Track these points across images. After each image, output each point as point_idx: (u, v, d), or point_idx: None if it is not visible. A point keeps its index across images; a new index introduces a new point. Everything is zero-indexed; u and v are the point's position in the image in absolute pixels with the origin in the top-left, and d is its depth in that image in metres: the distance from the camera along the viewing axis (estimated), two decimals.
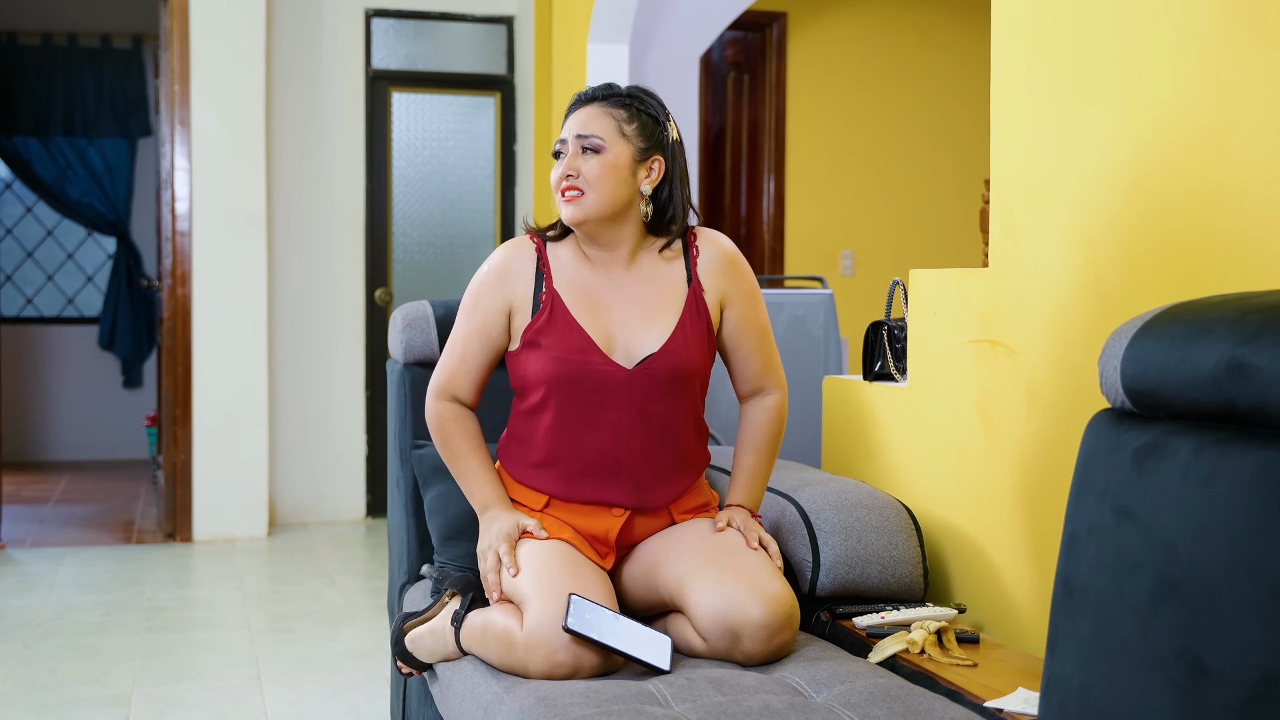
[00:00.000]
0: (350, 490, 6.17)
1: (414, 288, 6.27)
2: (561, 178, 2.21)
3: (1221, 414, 1.33)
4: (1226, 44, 1.83)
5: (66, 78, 7.92)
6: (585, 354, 2.18)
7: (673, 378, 2.20)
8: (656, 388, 2.20)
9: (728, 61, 7.20)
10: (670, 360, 2.20)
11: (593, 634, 1.93)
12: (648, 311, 2.23)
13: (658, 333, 2.22)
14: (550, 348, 2.19)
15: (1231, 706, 1.25)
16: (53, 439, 8.19)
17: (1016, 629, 2.28)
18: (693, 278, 2.27)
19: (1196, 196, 1.88)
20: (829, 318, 3.83)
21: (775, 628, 2.02)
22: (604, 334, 2.21)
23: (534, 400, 2.23)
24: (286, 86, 5.99)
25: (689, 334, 2.23)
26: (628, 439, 2.20)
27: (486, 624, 2.11)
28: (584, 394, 2.19)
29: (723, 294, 2.29)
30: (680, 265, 2.28)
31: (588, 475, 2.21)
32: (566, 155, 2.23)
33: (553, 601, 1.99)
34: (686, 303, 2.25)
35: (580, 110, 2.24)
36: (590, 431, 2.19)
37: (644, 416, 2.20)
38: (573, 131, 2.22)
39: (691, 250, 2.29)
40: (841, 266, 7.13)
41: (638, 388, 2.19)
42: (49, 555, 5.32)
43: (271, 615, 4.39)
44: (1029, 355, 2.24)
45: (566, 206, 2.21)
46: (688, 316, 2.23)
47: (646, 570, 2.21)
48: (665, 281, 2.26)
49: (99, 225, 8.09)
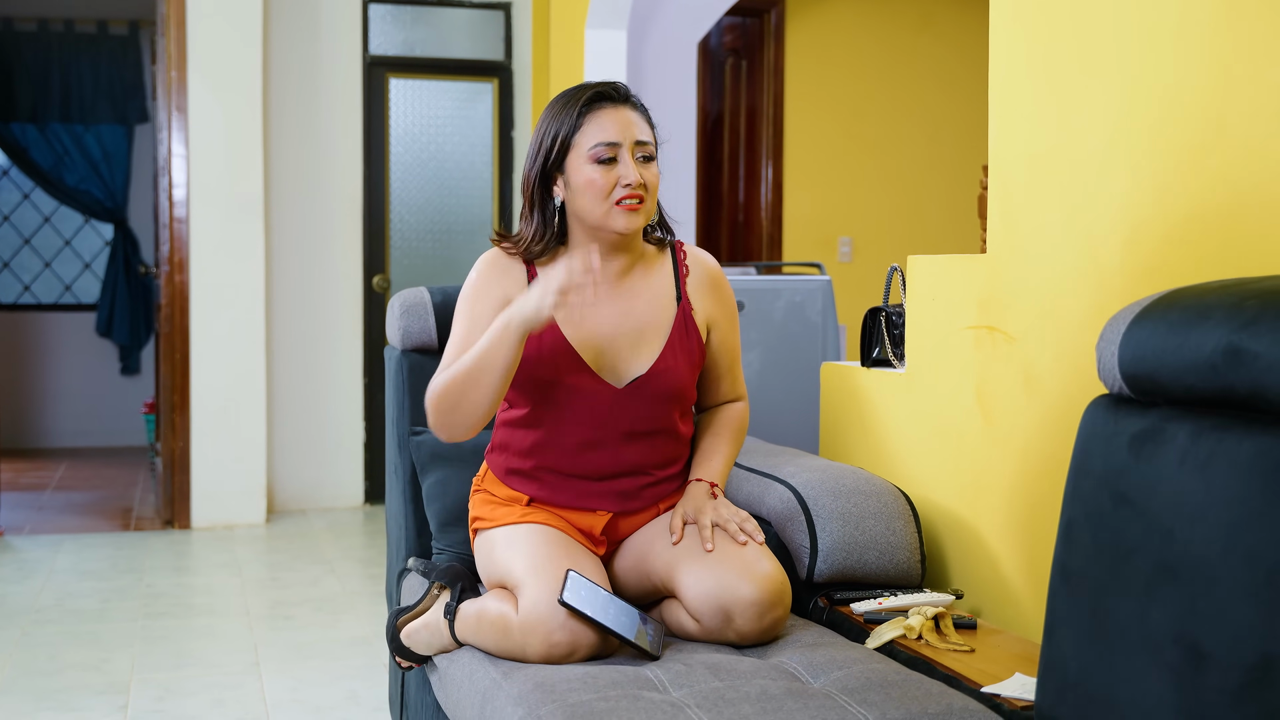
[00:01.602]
0: (349, 477, 6.17)
1: (412, 274, 6.27)
2: (628, 185, 2.10)
3: (1218, 399, 1.33)
4: (1227, 29, 1.83)
5: (63, 64, 7.90)
6: (573, 374, 2.16)
7: (663, 397, 2.19)
8: (645, 407, 2.18)
9: (726, 47, 7.18)
10: (660, 381, 2.18)
11: (587, 610, 1.93)
12: (637, 329, 2.20)
13: (648, 353, 2.19)
14: (539, 365, 2.16)
15: (1228, 690, 1.25)
16: (51, 426, 8.19)
17: (1014, 614, 2.28)
18: (682, 296, 2.25)
19: (1195, 182, 1.88)
20: (827, 304, 3.83)
21: (766, 605, 2.02)
22: (593, 352, 2.17)
23: (520, 413, 2.22)
24: (284, 73, 5.98)
25: (678, 353, 2.21)
26: (615, 456, 2.19)
27: (480, 612, 2.10)
28: (571, 412, 2.17)
29: (710, 316, 2.28)
30: (668, 278, 2.26)
31: (573, 486, 2.20)
32: (625, 161, 2.11)
33: (548, 583, 1.99)
34: (675, 321, 2.23)
35: (620, 112, 2.13)
36: (576, 448, 2.18)
37: (631, 435, 2.19)
38: (629, 136, 2.12)
39: (681, 268, 2.27)
40: (839, 253, 7.13)
41: (625, 407, 2.17)
42: (47, 542, 5.33)
43: (270, 602, 4.39)
44: (1027, 341, 2.24)
45: (628, 216, 2.11)
46: (677, 336, 2.22)
47: (637, 560, 2.21)
48: (655, 296, 2.23)
49: (96, 212, 8.08)
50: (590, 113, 2.13)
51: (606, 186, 2.10)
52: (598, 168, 2.11)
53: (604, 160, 2.11)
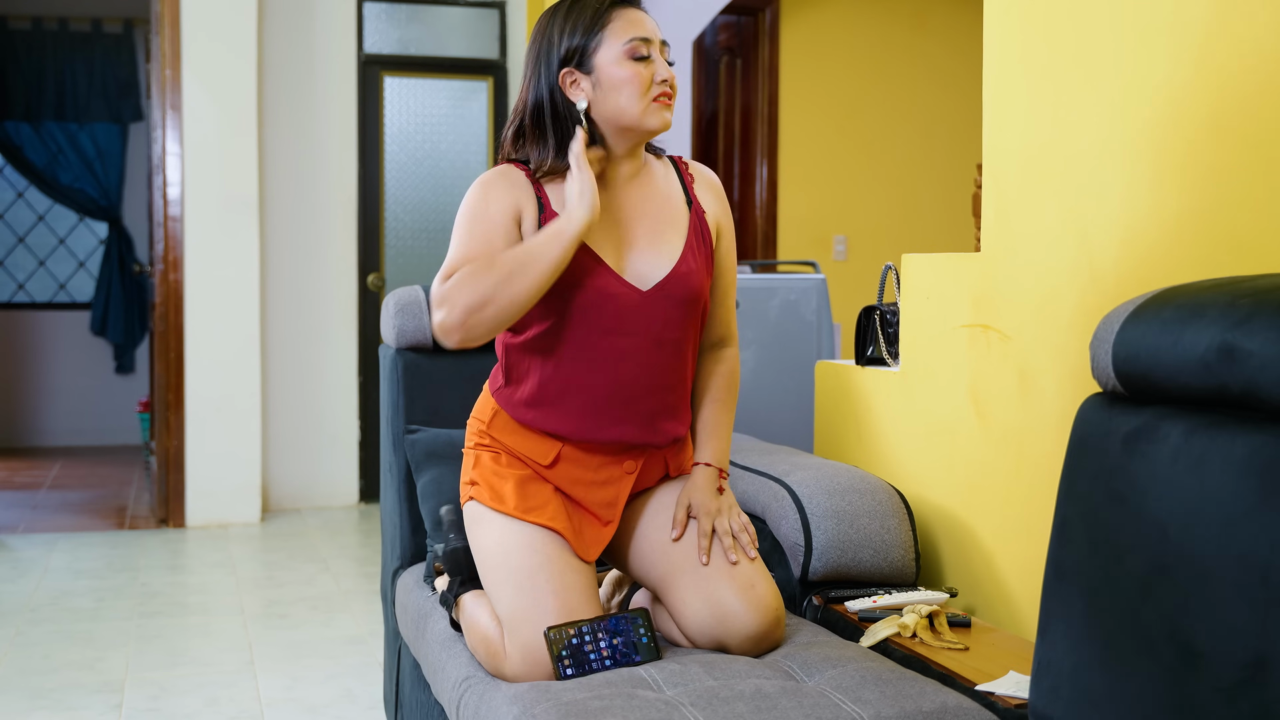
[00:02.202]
0: (343, 475, 6.17)
1: (406, 273, 6.27)
2: (663, 82, 2.04)
3: (1212, 398, 1.33)
4: (1221, 27, 1.83)
5: (57, 62, 7.89)
6: (598, 277, 2.03)
7: (687, 300, 2.09)
8: (674, 311, 2.07)
9: (720, 46, 7.18)
10: (684, 283, 2.08)
11: (586, 669, 1.92)
12: (654, 230, 2.11)
13: (668, 254, 2.09)
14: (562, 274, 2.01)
15: (1221, 689, 1.26)
16: (45, 425, 8.18)
17: (1008, 613, 2.29)
18: (693, 200, 2.17)
19: (1189, 180, 1.88)
20: (822, 303, 3.83)
21: (762, 635, 2.01)
22: (614, 254, 2.07)
23: (539, 330, 2.07)
24: (279, 71, 5.97)
25: (697, 255, 2.12)
26: (645, 366, 2.06)
27: (471, 624, 2.08)
28: (599, 320, 2.04)
29: (718, 223, 2.20)
30: (676, 185, 2.18)
31: (602, 409, 2.07)
32: (656, 57, 2.06)
33: (535, 632, 1.94)
34: (690, 224, 2.14)
35: (637, 12, 2.07)
36: (606, 360, 2.05)
37: (659, 342, 2.07)
38: (656, 35, 2.06)
39: (686, 175, 2.20)
40: (834, 251, 7.13)
41: (655, 311, 2.06)
42: (42, 541, 5.32)
43: (265, 600, 4.39)
44: (1021, 339, 2.24)
45: (663, 112, 2.05)
46: (694, 237, 2.13)
47: (635, 548, 2.14)
48: (665, 198, 2.15)
49: (91, 210, 8.07)
50: (616, 9, 2.07)
51: (646, 81, 2.04)
52: (635, 64, 2.04)
53: (639, 57, 2.04)
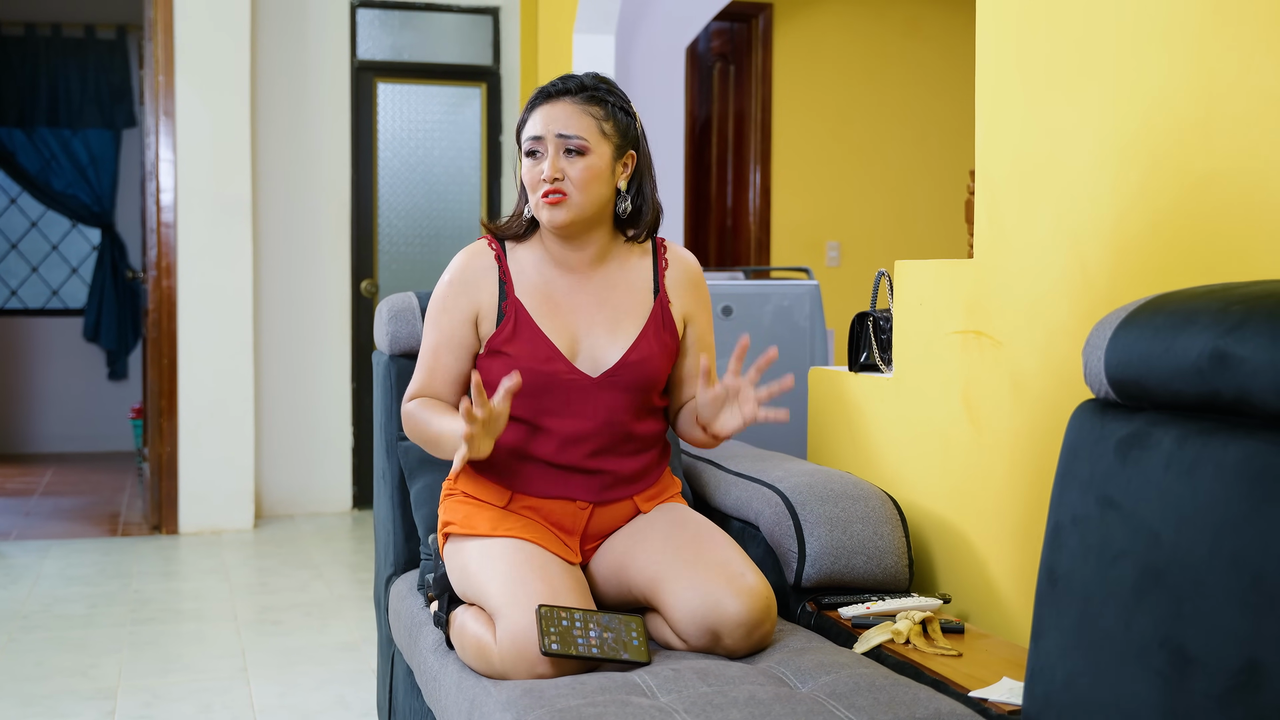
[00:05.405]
0: (336, 482, 6.16)
1: (400, 279, 6.27)
2: (544, 180, 2.12)
3: (1204, 404, 1.34)
4: (1213, 33, 1.83)
5: (50, 68, 7.88)
6: (550, 363, 2.15)
7: (637, 387, 2.19)
8: (621, 397, 2.18)
9: (714, 52, 7.19)
10: (633, 371, 2.18)
11: (572, 650, 1.92)
12: (613, 318, 2.21)
13: (623, 340, 2.20)
14: (516, 356, 2.16)
15: (1214, 695, 1.26)
16: (38, 431, 8.16)
17: (1001, 619, 2.29)
18: (660, 289, 2.25)
19: (1182, 187, 1.89)
20: (815, 309, 3.84)
21: (754, 623, 2.02)
22: (569, 340, 2.18)
23: None
24: (272, 77, 5.97)
25: (653, 344, 2.21)
26: (596, 445, 2.18)
27: (460, 630, 2.09)
28: (549, 402, 2.16)
29: (687, 312, 2.29)
30: (646, 270, 2.26)
31: (552, 477, 2.19)
32: (546, 155, 2.13)
33: (525, 613, 1.96)
34: (652, 313, 2.23)
35: (554, 106, 2.13)
36: (556, 437, 2.17)
37: (609, 424, 2.18)
38: (551, 129, 2.12)
39: (660, 261, 2.27)
40: (827, 258, 7.14)
41: (602, 396, 2.17)
42: (34, 548, 5.31)
43: (258, 607, 4.38)
44: (1014, 346, 2.24)
45: (549, 210, 2.13)
46: (652, 327, 2.22)
47: (616, 569, 2.19)
48: (630, 286, 2.24)
49: (83, 217, 8.06)
50: (532, 108, 2.18)
51: (531, 181, 2.16)
52: (526, 161, 2.17)
53: (530, 153, 2.16)
